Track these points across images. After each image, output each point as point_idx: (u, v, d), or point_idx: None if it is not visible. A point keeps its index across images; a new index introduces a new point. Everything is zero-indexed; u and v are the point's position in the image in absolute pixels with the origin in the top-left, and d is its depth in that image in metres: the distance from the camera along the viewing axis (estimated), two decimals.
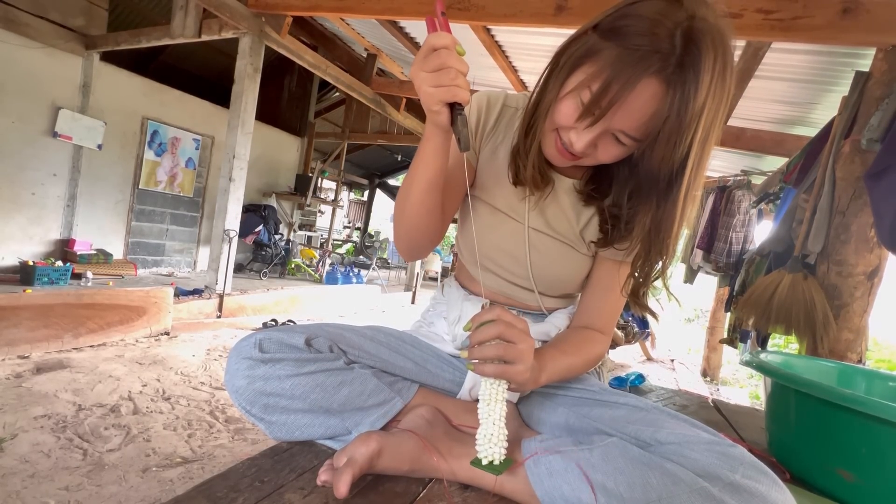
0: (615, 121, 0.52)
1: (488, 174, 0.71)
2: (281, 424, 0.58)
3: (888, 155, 1.33)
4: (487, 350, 0.51)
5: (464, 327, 0.55)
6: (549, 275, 0.72)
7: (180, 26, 3.40)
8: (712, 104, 0.49)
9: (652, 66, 0.47)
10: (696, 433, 0.53)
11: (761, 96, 2.63)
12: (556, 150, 0.60)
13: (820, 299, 1.57)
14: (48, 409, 1.78)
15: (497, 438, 0.52)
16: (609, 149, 0.56)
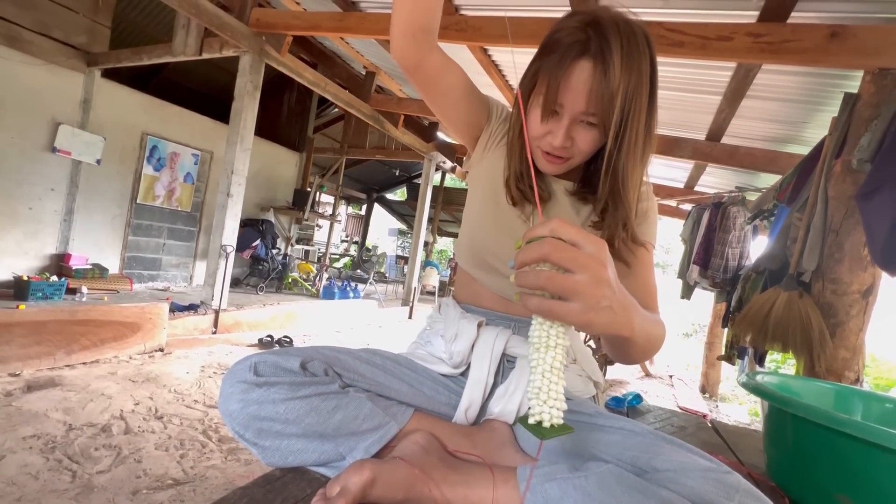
0: (570, 106, 0.60)
1: (498, 172, 0.75)
2: (274, 450, 0.58)
3: (878, 175, 1.35)
4: (530, 277, 0.41)
5: (515, 244, 0.44)
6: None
7: (182, 44, 3.45)
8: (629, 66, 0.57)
9: (574, 52, 0.58)
10: (692, 460, 0.53)
11: (753, 115, 2.68)
12: (546, 160, 0.67)
13: (816, 318, 1.58)
14: (38, 428, 1.75)
15: (549, 394, 0.43)
16: (583, 135, 0.63)
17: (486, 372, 0.73)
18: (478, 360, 0.74)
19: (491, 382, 0.74)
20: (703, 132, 3.11)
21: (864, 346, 1.58)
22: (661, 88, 2.36)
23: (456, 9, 2.46)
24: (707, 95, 2.60)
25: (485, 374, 0.73)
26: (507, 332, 0.76)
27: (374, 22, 2.69)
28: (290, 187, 6.94)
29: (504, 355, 0.75)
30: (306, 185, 7.05)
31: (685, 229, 3.98)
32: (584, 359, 0.80)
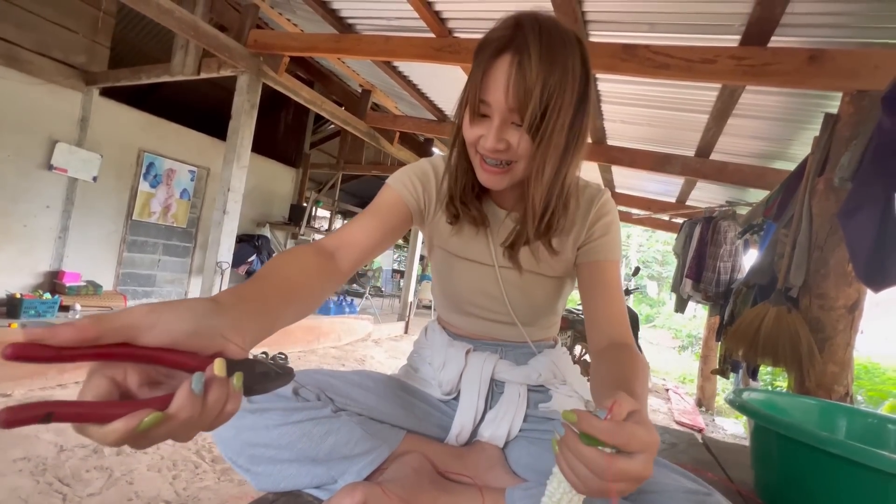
0: (495, 103, 0.58)
1: (447, 229, 0.75)
2: (267, 475, 0.59)
3: (858, 194, 1.39)
4: (571, 471, 0.40)
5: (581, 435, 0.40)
6: (526, 305, 0.77)
7: (180, 64, 3.51)
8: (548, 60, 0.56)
9: (493, 48, 0.58)
10: (675, 481, 0.54)
11: (740, 133, 2.74)
12: (485, 171, 0.63)
13: (804, 333, 1.60)
14: (28, 451, 1.73)
15: None
16: (516, 137, 0.60)
17: (475, 398, 0.74)
18: (467, 388, 0.75)
19: (481, 408, 0.75)
20: (692, 149, 3.17)
21: (852, 361, 1.60)
22: (649, 107, 2.41)
23: (449, 31, 2.53)
24: (695, 114, 2.67)
25: (475, 401, 0.74)
26: (495, 358, 0.77)
27: (369, 44, 2.75)
28: (287, 203, 6.97)
29: (492, 380, 0.77)
30: (302, 201, 7.09)
31: (677, 243, 4.03)
32: (574, 379, 0.82)
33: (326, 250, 0.60)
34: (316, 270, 0.55)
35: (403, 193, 0.70)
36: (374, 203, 0.69)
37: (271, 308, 0.44)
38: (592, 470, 0.38)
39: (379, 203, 0.69)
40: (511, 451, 0.72)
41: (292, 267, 0.52)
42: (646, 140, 3.36)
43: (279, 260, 0.53)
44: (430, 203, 0.74)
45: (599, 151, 3.49)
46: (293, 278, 0.50)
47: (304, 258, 0.55)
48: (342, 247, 0.62)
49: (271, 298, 0.45)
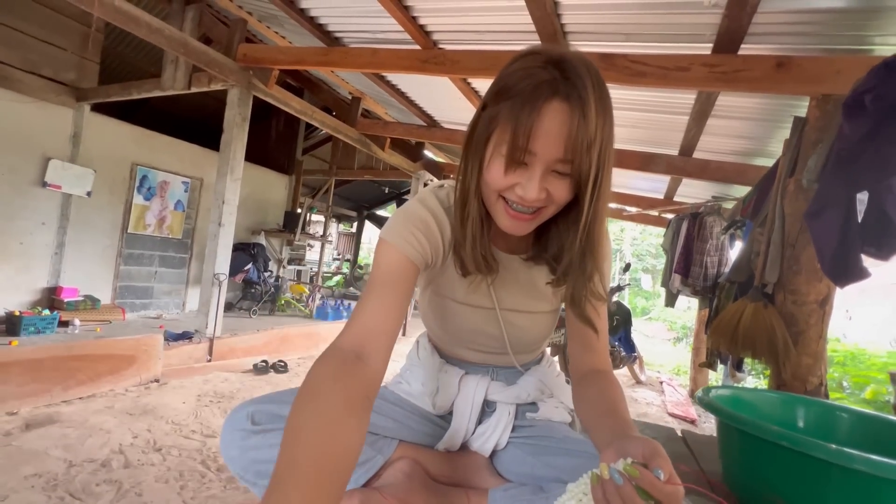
0: (543, 153, 0.54)
1: (452, 278, 0.73)
2: None
3: (823, 195, 1.47)
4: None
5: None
6: (524, 341, 0.79)
7: (170, 79, 3.55)
8: (602, 109, 0.54)
9: (545, 93, 0.52)
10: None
11: (720, 132, 2.83)
12: (510, 217, 0.60)
13: (779, 327, 1.69)
14: (38, 467, 1.79)
15: None
16: (558, 186, 0.57)
17: (466, 420, 0.79)
18: (460, 410, 0.80)
19: (472, 428, 0.80)
20: (675, 148, 3.26)
21: (825, 352, 1.69)
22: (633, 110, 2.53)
23: (434, 43, 2.59)
24: (675, 116, 2.75)
25: (466, 422, 0.79)
26: (486, 381, 0.81)
27: (356, 56, 2.81)
28: (281, 210, 7.01)
29: (485, 402, 0.81)
30: (296, 207, 7.13)
31: (665, 239, 4.12)
32: (560, 392, 0.87)
33: (352, 359, 0.54)
34: (346, 410, 0.49)
35: (409, 252, 0.64)
36: (382, 272, 0.63)
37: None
38: None
39: (387, 271, 0.63)
40: (497, 458, 0.79)
41: (328, 440, 0.46)
42: (632, 141, 3.45)
43: (312, 435, 0.46)
44: (437, 255, 0.69)
45: None
46: (338, 455, 0.46)
47: (333, 411, 0.48)
48: (368, 342, 0.57)
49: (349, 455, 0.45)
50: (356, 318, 0.59)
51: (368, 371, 0.54)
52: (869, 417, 0.93)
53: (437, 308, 0.79)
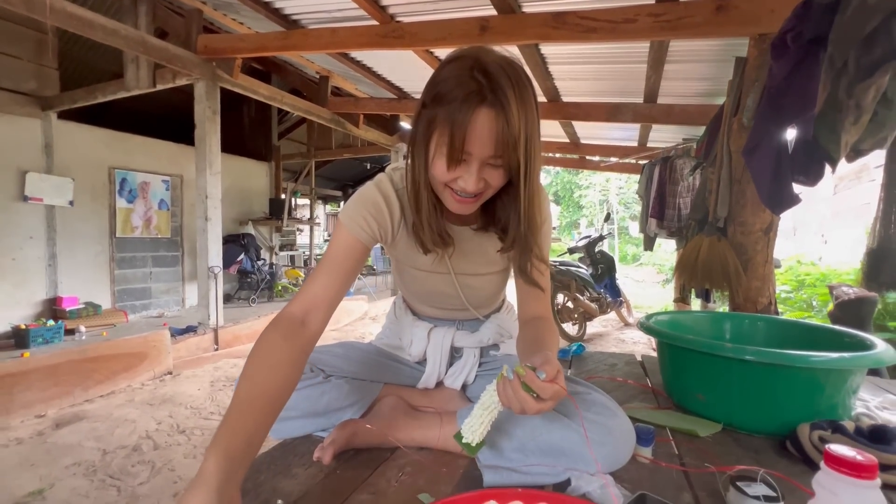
0: (478, 152, 0.63)
1: (409, 249, 0.82)
2: (281, 429, 0.81)
3: (757, 132, 1.59)
4: (511, 402, 0.59)
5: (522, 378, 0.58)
6: (480, 298, 0.93)
7: (134, 79, 3.53)
8: (524, 108, 0.62)
9: (474, 102, 0.60)
10: (571, 388, 0.77)
11: (678, 77, 2.91)
12: (457, 202, 0.69)
13: (731, 257, 1.85)
14: (76, 458, 1.96)
15: (479, 431, 0.64)
16: (493, 175, 0.66)
17: (437, 365, 0.95)
18: (431, 357, 0.95)
19: (444, 371, 0.96)
20: (640, 96, 3.33)
21: (772, 275, 1.87)
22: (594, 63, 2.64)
23: (391, 17, 2.61)
24: (633, 65, 2.82)
25: (437, 365, 0.95)
26: (452, 330, 0.96)
27: (317, 37, 2.82)
28: (265, 197, 7.03)
29: (452, 348, 0.96)
30: (280, 193, 7.15)
31: (640, 185, 4.25)
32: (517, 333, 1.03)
33: (296, 322, 0.68)
34: (288, 361, 0.64)
35: (359, 234, 0.74)
36: (332, 250, 0.74)
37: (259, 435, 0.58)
38: (523, 406, 0.58)
39: (336, 250, 0.74)
40: (469, 387, 0.95)
41: (267, 376, 0.62)
42: (597, 93, 3.51)
43: (254, 371, 0.62)
44: (385, 234, 0.79)
45: (555, 109, 3.64)
46: (270, 391, 0.61)
47: (274, 355, 0.63)
48: (310, 311, 0.69)
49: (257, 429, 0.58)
50: (306, 288, 0.72)
51: (309, 333, 0.69)
52: (780, 322, 1.10)
53: (402, 274, 0.91)
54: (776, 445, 0.83)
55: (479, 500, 0.58)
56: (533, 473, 0.67)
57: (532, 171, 0.67)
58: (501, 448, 0.70)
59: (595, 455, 0.66)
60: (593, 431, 0.68)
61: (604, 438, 0.68)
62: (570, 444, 0.68)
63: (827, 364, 0.79)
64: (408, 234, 0.80)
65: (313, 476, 0.70)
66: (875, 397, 1.04)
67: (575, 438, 0.68)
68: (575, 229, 16.98)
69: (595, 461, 0.65)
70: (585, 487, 0.63)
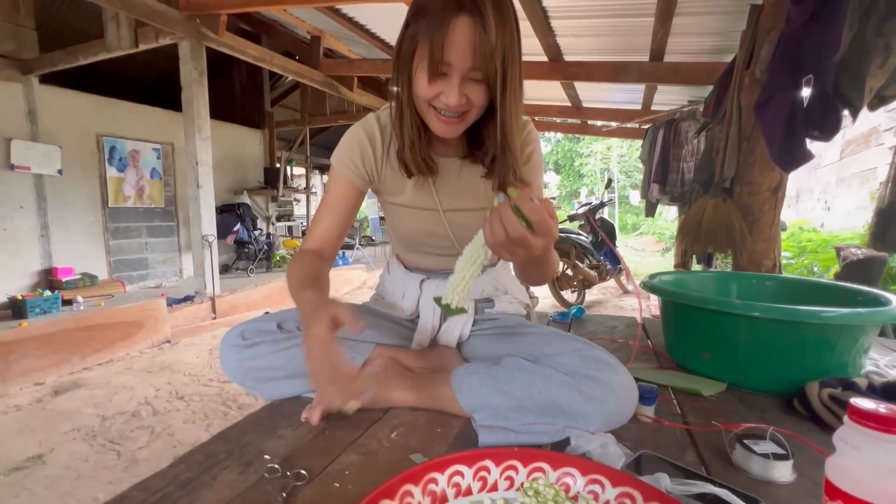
0: (457, 62, 0.63)
1: (395, 184, 0.82)
2: (270, 390, 0.78)
3: (771, 84, 1.51)
4: (497, 233, 0.55)
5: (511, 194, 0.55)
6: (468, 238, 0.89)
7: (115, 38, 3.36)
8: (501, 18, 0.62)
9: (452, 9, 0.60)
10: (570, 345, 0.73)
11: (687, 31, 2.77)
12: (442, 122, 0.69)
13: (737, 218, 1.80)
14: (75, 423, 1.97)
15: (461, 290, 0.63)
16: (474, 91, 0.66)
17: (430, 317, 0.90)
18: (424, 311, 0.91)
19: (437, 324, 0.91)
20: (645, 54, 3.19)
21: (778, 237, 1.82)
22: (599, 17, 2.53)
23: None
24: (640, 18, 2.67)
25: (430, 319, 0.91)
26: (445, 282, 0.93)
27: None
28: (259, 166, 6.89)
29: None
30: (275, 162, 7.00)
31: (643, 150, 4.14)
32: (514, 289, 0.99)
33: (313, 253, 0.79)
34: (319, 266, 0.77)
35: (348, 175, 0.79)
36: (330, 194, 0.81)
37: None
38: (508, 231, 0.53)
39: (334, 193, 0.81)
40: (464, 346, 0.92)
41: (312, 265, 0.76)
42: (601, 51, 3.36)
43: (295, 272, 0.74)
44: (372, 170, 0.81)
45: (557, 69, 3.49)
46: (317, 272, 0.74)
47: (307, 262, 0.76)
48: (322, 245, 0.80)
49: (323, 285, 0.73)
50: (314, 228, 0.81)
51: (327, 262, 0.80)
52: (789, 281, 1.05)
53: (391, 215, 0.89)
54: (782, 404, 0.80)
55: (473, 459, 0.55)
56: (531, 433, 0.65)
57: (510, 84, 0.66)
58: (498, 408, 0.67)
59: (596, 412, 0.63)
60: (594, 388, 0.65)
61: (605, 395, 0.65)
62: (569, 401, 0.65)
63: (841, 319, 0.75)
64: (393, 167, 0.81)
65: (301, 437, 0.67)
66: (884, 357, 1.01)
67: (574, 396, 0.65)
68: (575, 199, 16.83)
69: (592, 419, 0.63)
70: (585, 447, 0.59)
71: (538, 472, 0.53)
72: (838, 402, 0.72)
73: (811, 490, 0.55)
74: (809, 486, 0.56)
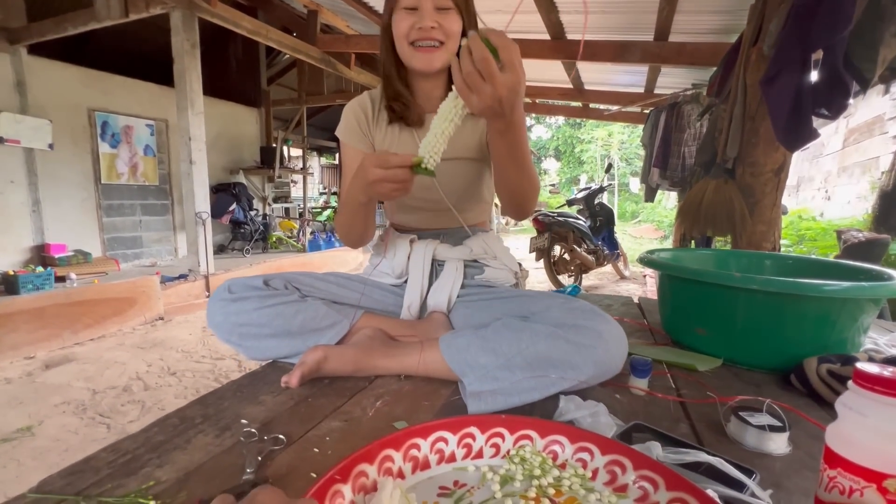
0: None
1: (387, 142, 0.89)
2: (254, 348, 0.76)
3: (778, 60, 1.46)
4: (465, 63, 0.54)
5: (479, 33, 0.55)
6: (455, 190, 0.91)
7: (104, 7, 3.26)
8: None
9: None
10: (557, 301, 0.72)
11: (694, 8, 2.69)
12: (423, 53, 0.78)
13: (738, 200, 1.76)
14: (65, 396, 1.96)
15: (434, 149, 0.62)
16: (447, 19, 0.77)
17: (420, 276, 0.90)
18: (414, 269, 0.91)
19: (427, 284, 0.91)
20: (650, 33, 3.11)
21: (779, 219, 1.79)
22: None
23: None
24: None
25: (420, 278, 0.90)
26: (435, 242, 0.93)
27: None
28: (255, 146, 6.79)
29: (434, 261, 0.92)
30: (271, 142, 6.89)
31: (644, 133, 4.08)
32: (504, 256, 0.98)
33: None
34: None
35: (355, 142, 0.89)
36: (346, 165, 0.90)
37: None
38: (481, 69, 0.53)
39: (349, 164, 0.90)
40: (453, 315, 0.90)
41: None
42: (604, 29, 3.27)
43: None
44: (368, 132, 0.90)
45: (559, 48, 3.41)
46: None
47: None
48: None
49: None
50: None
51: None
52: (788, 259, 1.03)
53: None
54: (779, 380, 0.78)
55: (458, 426, 0.53)
56: (521, 391, 0.63)
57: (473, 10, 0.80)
58: (486, 367, 0.65)
59: (586, 360, 0.63)
60: (582, 336, 0.64)
61: (594, 342, 0.64)
62: (558, 352, 0.63)
63: (843, 293, 0.72)
64: (383, 129, 0.89)
65: (282, 403, 0.65)
66: (882, 336, 0.99)
67: (562, 346, 0.64)
68: (575, 185, 16.74)
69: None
70: (574, 413, 0.57)
71: (525, 439, 0.51)
72: (837, 378, 0.70)
73: (806, 463, 0.53)
74: (805, 458, 0.54)
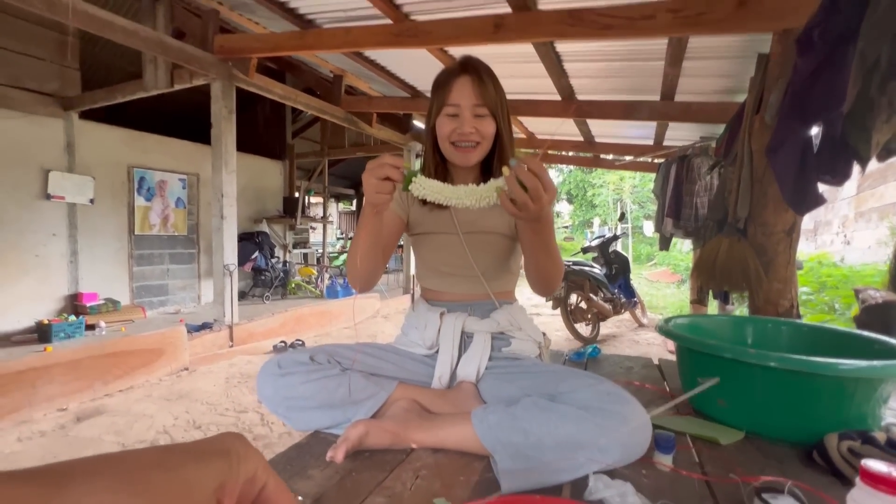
0: (465, 103, 0.90)
1: (421, 215, 1.01)
2: (300, 419, 0.82)
3: (782, 130, 1.55)
4: (519, 194, 0.69)
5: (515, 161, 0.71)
6: (485, 260, 1.00)
7: (152, 79, 3.59)
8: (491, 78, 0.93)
9: (456, 72, 0.93)
10: (584, 381, 0.77)
11: (697, 74, 2.85)
12: (459, 152, 0.93)
13: (752, 258, 1.81)
14: (96, 450, 2.00)
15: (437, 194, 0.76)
16: (483, 124, 0.92)
17: (451, 347, 0.97)
18: (444, 341, 0.98)
19: (456, 355, 0.97)
20: (657, 94, 3.28)
21: (794, 277, 1.82)
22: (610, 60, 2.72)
23: (406, 15, 2.61)
24: (651, 62, 2.77)
25: (450, 350, 0.96)
26: (464, 316, 0.99)
27: (331, 37, 2.83)
28: (279, 196, 7.10)
29: (463, 333, 0.99)
30: (294, 192, 7.21)
31: (656, 185, 4.18)
32: (528, 327, 1.03)
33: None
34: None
35: (393, 206, 0.99)
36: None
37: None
38: (533, 196, 0.68)
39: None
40: (482, 385, 0.95)
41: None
42: (613, 91, 3.46)
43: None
44: (409, 203, 1.02)
45: (570, 107, 3.60)
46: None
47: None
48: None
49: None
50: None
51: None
52: (805, 327, 1.06)
53: (419, 245, 1.06)
54: (801, 454, 0.80)
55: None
56: (551, 471, 0.67)
57: (506, 115, 0.95)
58: (518, 445, 0.69)
59: (612, 443, 0.67)
60: (608, 419, 0.69)
61: (619, 426, 0.68)
62: (586, 434, 0.68)
63: (856, 373, 0.76)
64: (418, 205, 1.01)
65: (329, 478, 0.70)
66: None
67: (590, 428, 0.68)
68: (588, 228, 16.81)
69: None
70: (604, 492, 0.61)
71: None
72: (858, 456, 0.72)
73: None
74: None
